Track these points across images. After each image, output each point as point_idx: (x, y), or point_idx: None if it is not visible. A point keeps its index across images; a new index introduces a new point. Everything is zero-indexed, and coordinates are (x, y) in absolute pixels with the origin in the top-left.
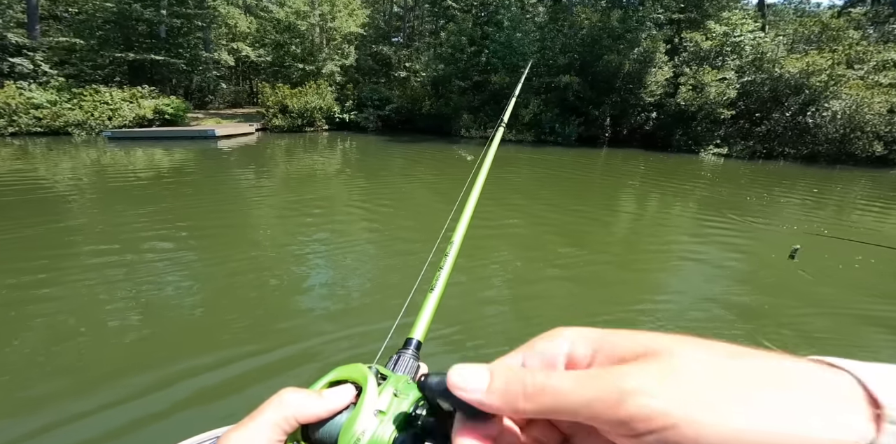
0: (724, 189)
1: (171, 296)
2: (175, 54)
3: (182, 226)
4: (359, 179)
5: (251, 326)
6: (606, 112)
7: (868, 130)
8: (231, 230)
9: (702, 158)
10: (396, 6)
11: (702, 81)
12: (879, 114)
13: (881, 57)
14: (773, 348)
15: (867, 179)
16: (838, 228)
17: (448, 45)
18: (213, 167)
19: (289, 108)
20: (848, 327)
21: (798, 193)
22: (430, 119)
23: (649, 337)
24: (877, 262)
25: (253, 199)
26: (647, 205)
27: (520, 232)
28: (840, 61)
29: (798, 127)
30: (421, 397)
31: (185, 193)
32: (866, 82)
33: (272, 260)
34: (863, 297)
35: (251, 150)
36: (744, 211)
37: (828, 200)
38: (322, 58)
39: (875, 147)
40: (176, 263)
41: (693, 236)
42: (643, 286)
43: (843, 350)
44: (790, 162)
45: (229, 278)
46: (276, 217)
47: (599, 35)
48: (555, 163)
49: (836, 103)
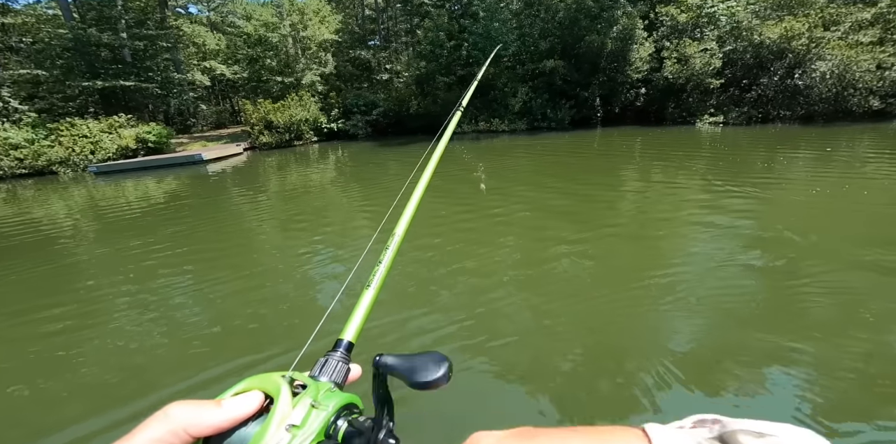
0: (727, 156)
1: (182, 319)
2: (146, 78)
3: (182, 252)
4: (356, 187)
5: (273, 343)
6: (595, 93)
7: (861, 86)
8: (235, 251)
9: (699, 128)
10: (368, 9)
11: (685, 53)
12: (869, 70)
13: (853, 18)
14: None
15: (870, 132)
16: (853, 180)
17: (426, 42)
18: (206, 192)
19: (274, 123)
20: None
21: (802, 152)
22: (419, 119)
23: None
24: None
25: (251, 219)
26: (651, 179)
27: (527, 216)
28: (816, 24)
29: (788, 90)
30: (343, 406)
31: (182, 220)
32: (848, 42)
33: (282, 275)
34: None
35: (242, 171)
36: (750, 175)
37: (838, 156)
38: (300, 68)
39: (871, 102)
40: (186, 288)
41: (702, 205)
42: (658, 259)
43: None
44: (787, 124)
45: (239, 297)
46: (278, 235)
47: (576, 16)
48: (551, 148)
49: (822, 64)
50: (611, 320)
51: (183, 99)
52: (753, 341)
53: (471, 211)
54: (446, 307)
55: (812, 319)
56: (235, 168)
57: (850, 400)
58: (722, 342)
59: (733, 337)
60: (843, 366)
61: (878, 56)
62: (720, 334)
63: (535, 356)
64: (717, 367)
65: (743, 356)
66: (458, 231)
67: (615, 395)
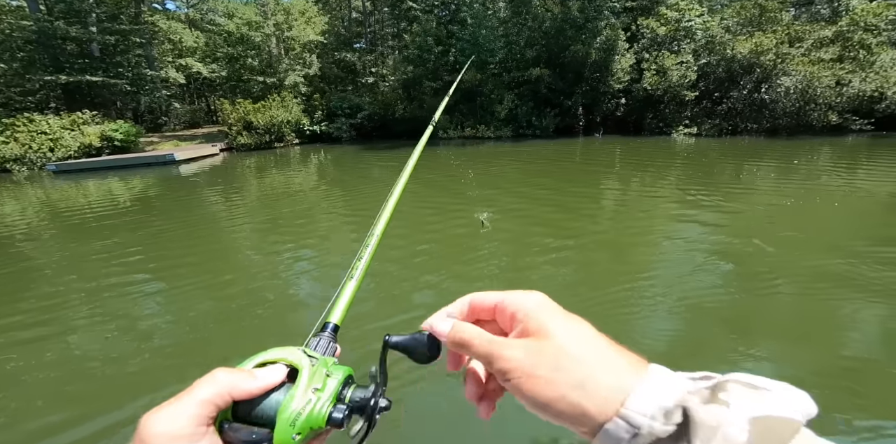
0: (701, 166)
1: (149, 324)
2: (115, 74)
3: (152, 256)
4: (338, 191)
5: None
6: (578, 101)
7: (821, 101)
8: (207, 256)
9: (674, 139)
10: (355, 12)
11: (663, 65)
12: (829, 86)
13: (816, 35)
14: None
15: (829, 145)
16: (815, 190)
17: (414, 46)
18: (177, 194)
19: (253, 124)
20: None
21: (766, 165)
22: (405, 123)
23: (556, 323)
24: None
25: (226, 223)
26: (629, 187)
27: (511, 223)
28: (783, 41)
29: (755, 103)
30: (347, 376)
31: (150, 223)
32: (810, 59)
33: (259, 277)
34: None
35: (218, 172)
36: (721, 185)
37: (798, 167)
38: (283, 69)
39: (830, 117)
40: (156, 293)
41: (677, 213)
42: (635, 265)
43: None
44: (754, 136)
45: (210, 304)
46: (255, 239)
47: (562, 26)
48: (536, 155)
49: (787, 79)
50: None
51: (155, 97)
52: (726, 342)
53: (460, 217)
54: (434, 309)
55: (778, 319)
56: (211, 169)
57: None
58: (696, 342)
59: (707, 337)
60: (808, 365)
61: (838, 73)
62: (695, 335)
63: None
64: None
65: (715, 355)
66: (447, 237)
67: None
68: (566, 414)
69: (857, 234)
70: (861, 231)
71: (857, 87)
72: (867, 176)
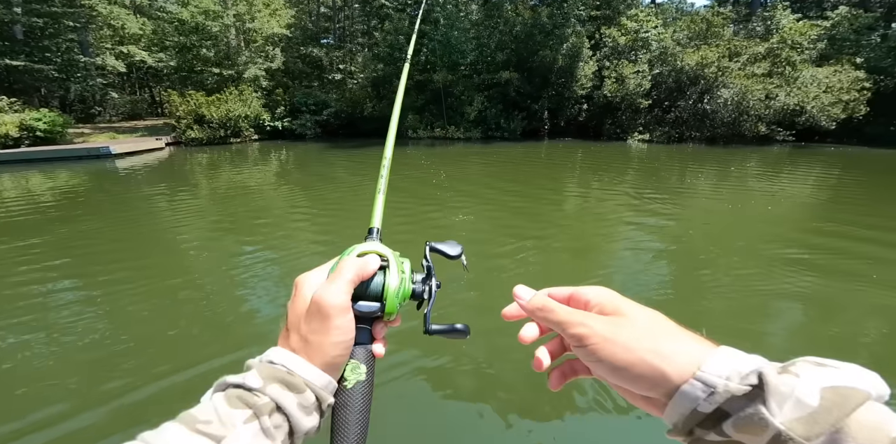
0: (651, 171)
1: (75, 336)
2: (40, 59)
3: (78, 256)
4: (299, 191)
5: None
6: (545, 106)
7: (752, 113)
8: (144, 259)
9: (629, 145)
10: (324, 6)
11: (622, 73)
12: (759, 99)
13: (751, 51)
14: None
15: (757, 153)
16: (743, 193)
17: (385, 44)
18: (113, 191)
19: (206, 117)
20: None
21: (707, 170)
22: (373, 122)
23: (631, 306)
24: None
25: (172, 222)
26: (590, 187)
27: (473, 221)
28: (724, 55)
29: (699, 113)
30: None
31: (80, 221)
32: (745, 73)
33: (202, 285)
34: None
35: (163, 168)
36: (668, 188)
37: (731, 173)
38: (242, 61)
39: (760, 128)
40: (84, 300)
41: (628, 215)
42: (592, 261)
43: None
44: (696, 144)
45: (139, 312)
46: (204, 238)
47: (531, 31)
48: (505, 156)
49: (725, 92)
50: None
51: (88, 85)
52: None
53: (436, 210)
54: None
55: (719, 308)
56: (155, 165)
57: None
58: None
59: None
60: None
61: (768, 87)
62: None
63: (488, 348)
64: None
65: None
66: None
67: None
68: (645, 377)
69: (781, 234)
70: (785, 232)
71: (782, 100)
72: (790, 182)
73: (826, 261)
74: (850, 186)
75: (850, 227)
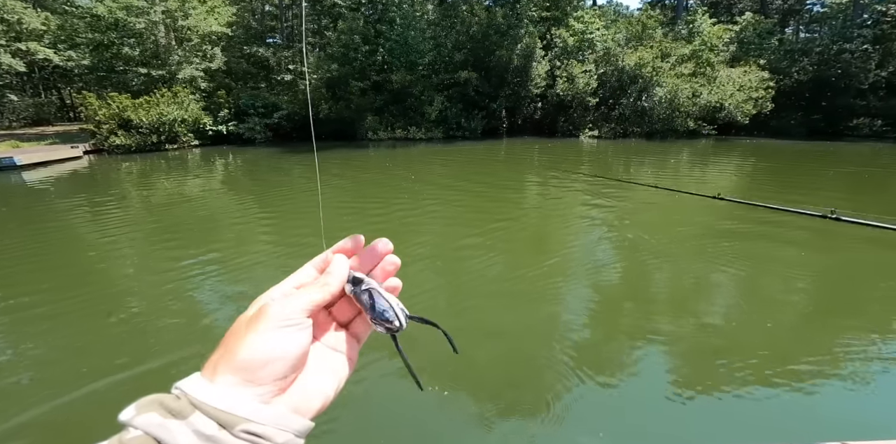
0: (601, 164)
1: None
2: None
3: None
4: (249, 198)
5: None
6: (503, 105)
7: (682, 110)
8: (73, 276)
9: (581, 141)
10: (269, 5)
11: (572, 73)
12: (688, 97)
13: (679, 52)
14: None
15: (688, 147)
16: (678, 181)
17: (339, 44)
18: (19, 206)
19: (133, 122)
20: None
21: (648, 161)
22: (329, 124)
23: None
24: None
25: (98, 239)
26: (547, 183)
27: (443, 217)
28: (657, 56)
29: (638, 110)
30: None
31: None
32: (675, 73)
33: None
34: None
35: (82, 179)
36: (613, 177)
37: (668, 165)
38: (175, 61)
39: (689, 123)
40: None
41: (580, 204)
42: (548, 246)
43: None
44: (637, 139)
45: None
46: (137, 253)
47: (487, 31)
48: (468, 154)
49: (660, 90)
50: (514, 299)
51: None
52: (632, 309)
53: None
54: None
55: (661, 290)
56: (71, 176)
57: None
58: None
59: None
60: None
61: (694, 86)
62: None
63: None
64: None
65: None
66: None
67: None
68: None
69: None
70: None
71: (705, 98)
72: (716, 170)
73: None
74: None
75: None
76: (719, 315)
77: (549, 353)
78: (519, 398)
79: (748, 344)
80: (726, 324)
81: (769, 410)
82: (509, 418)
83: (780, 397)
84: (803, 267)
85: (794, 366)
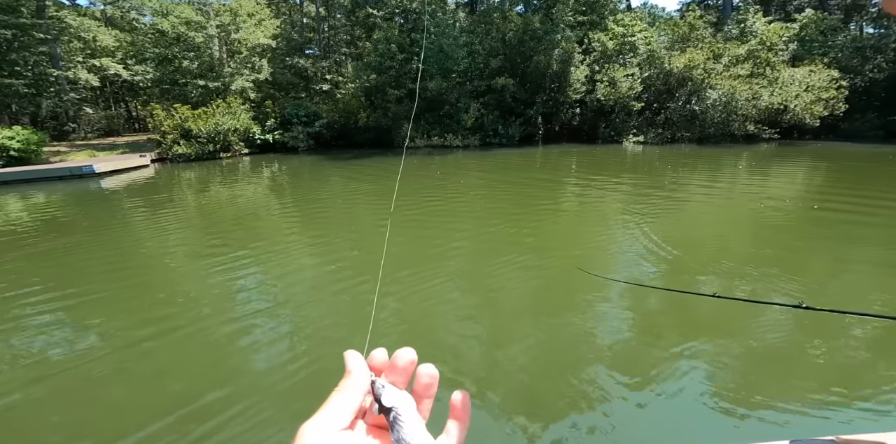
0: (647, 172)
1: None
2: (10, 73)
3: (71, 292)
4: (301, 208)
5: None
6: (539, 111)
7: (740, 113)
8: (137, 289)
9: (625, 147)
10: (306, 17)
11: (613, 77)
12: (747, 99)
13: (731, 53)
14: None
15: (748, 152)
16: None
17: (376, 53)
18: (101, 214)
19: (193, 132)
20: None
21: (699, 170)
22: (368, 132)
23: None
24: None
25: (167, 245)
26: (588, 190)
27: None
28: (708, 57)
29: (688, 114)
30: None
31: (70, 250)
32: (730, 74)
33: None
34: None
35: (151, 186)
36: (662, 187)
37: (724, 172)
38: (228, 73)
39: (748, 127)
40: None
41: (623, 212)
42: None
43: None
44: (687, 144)
45: (136, 348)
46: (198, 266)
47: (522, 38)
48: (503, 162)
49: (713, 93)
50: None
51: (62, 100)
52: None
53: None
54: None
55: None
56: (141, 183)
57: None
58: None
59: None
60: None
61: (754, 87)
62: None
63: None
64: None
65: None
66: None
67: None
68: None
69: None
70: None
71: (766, 100)
72: (785, 180)
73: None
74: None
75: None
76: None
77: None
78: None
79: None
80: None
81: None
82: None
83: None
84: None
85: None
